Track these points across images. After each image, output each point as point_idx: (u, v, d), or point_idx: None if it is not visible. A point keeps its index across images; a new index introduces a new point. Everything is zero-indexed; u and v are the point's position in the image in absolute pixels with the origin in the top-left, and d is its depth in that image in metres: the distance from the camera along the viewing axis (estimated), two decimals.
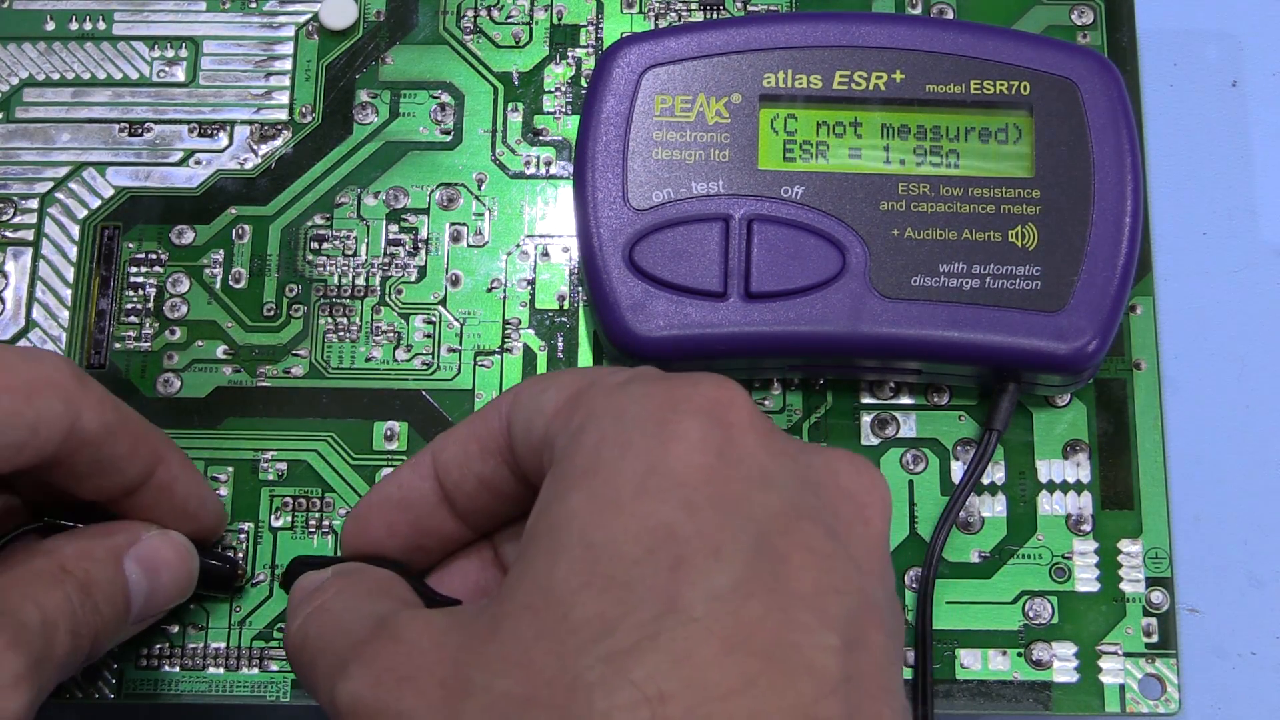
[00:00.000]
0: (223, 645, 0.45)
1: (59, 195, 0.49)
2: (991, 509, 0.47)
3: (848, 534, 0.33)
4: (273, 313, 0.48)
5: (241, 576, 0.46)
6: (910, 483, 0.47)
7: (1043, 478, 0.47)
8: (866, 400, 0.48)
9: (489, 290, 0.49)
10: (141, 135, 0.50)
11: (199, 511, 0.43)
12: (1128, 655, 0.46)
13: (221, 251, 0.49)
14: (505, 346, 0.48)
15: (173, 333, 0.48)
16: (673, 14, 0.51)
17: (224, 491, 0.47)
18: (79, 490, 0.40)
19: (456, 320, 0.48)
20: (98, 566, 0.40)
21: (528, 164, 0.50)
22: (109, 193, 0.50)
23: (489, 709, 0.31)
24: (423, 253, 0.49)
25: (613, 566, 0.31)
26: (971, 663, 0.45)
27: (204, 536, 0.44)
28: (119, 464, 0.40)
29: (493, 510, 0.39)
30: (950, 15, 0.51)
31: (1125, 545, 0.46)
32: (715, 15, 0.51)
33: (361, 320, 0.48)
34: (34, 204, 0.49)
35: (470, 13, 0.51)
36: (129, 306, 0.48)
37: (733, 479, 0.32)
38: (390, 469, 0.46)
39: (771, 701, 0.29)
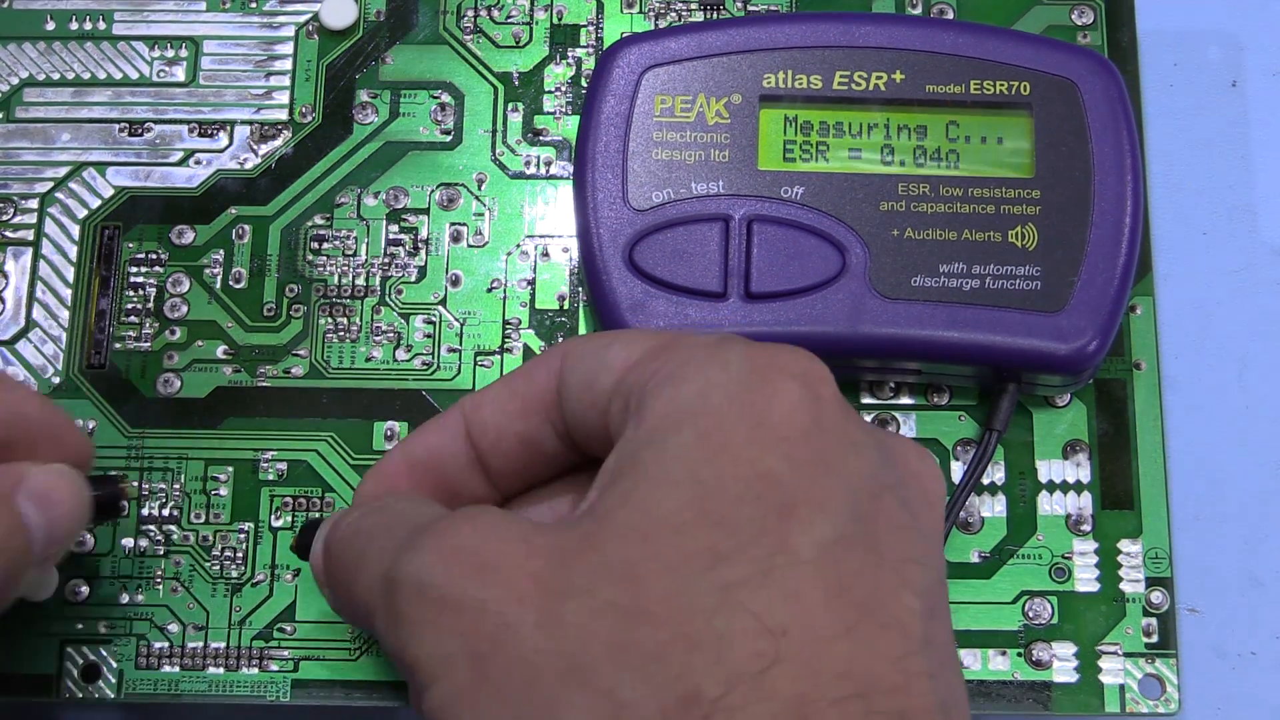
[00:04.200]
0: (223, 645, 0.45)
1: (59, 195, 0.49)
2: (991, 509, 0.47)
3: (917, 513, 0.34)
4: (273, 313, 0.48)
5: (126, 493, 0.43)
6: None
7: (1043, 478, 0.47)
8: (866, 400, 0.48)
9: (489, 290, 0.49)
10: (141, 135, 0.50)
11: (63, 436, 0.41)
12: (1127, 655, 0.46)
13: (221, 252, 0.49)
14: (505, 346, 0.48)
15: (173, 333, 0.48)
16: (673, 14, 0.51)
17: (224, 491, 0.47)
18: None
19: (457, 320, 0.48)
20: None
21: (528, 164, 0.50)
22: (109, 193, 0.50)
23: (597, 614, 0.31)
24: (423, 253, 0.49)
25: (723, 505, 0.32)
26: (971, 663, 0.45)
27: (78, 463, 0.42)
28: None
29: (528, 471, 0.39)
30: (950, 15, 0.50)
31: (1125, 545, 0.46)
32: (715, 15, 0.51)
33: (362, 320, 0.48)
34: (34, 204, 0.49)
35: (470, 13, 0.51)
36: (129, 306, 0.48)
37: (828, 443, 0.33)
38: None
39: (869, 649, 0.31)
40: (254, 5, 0.51)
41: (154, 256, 0.49)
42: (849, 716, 0.30)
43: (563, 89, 0.50)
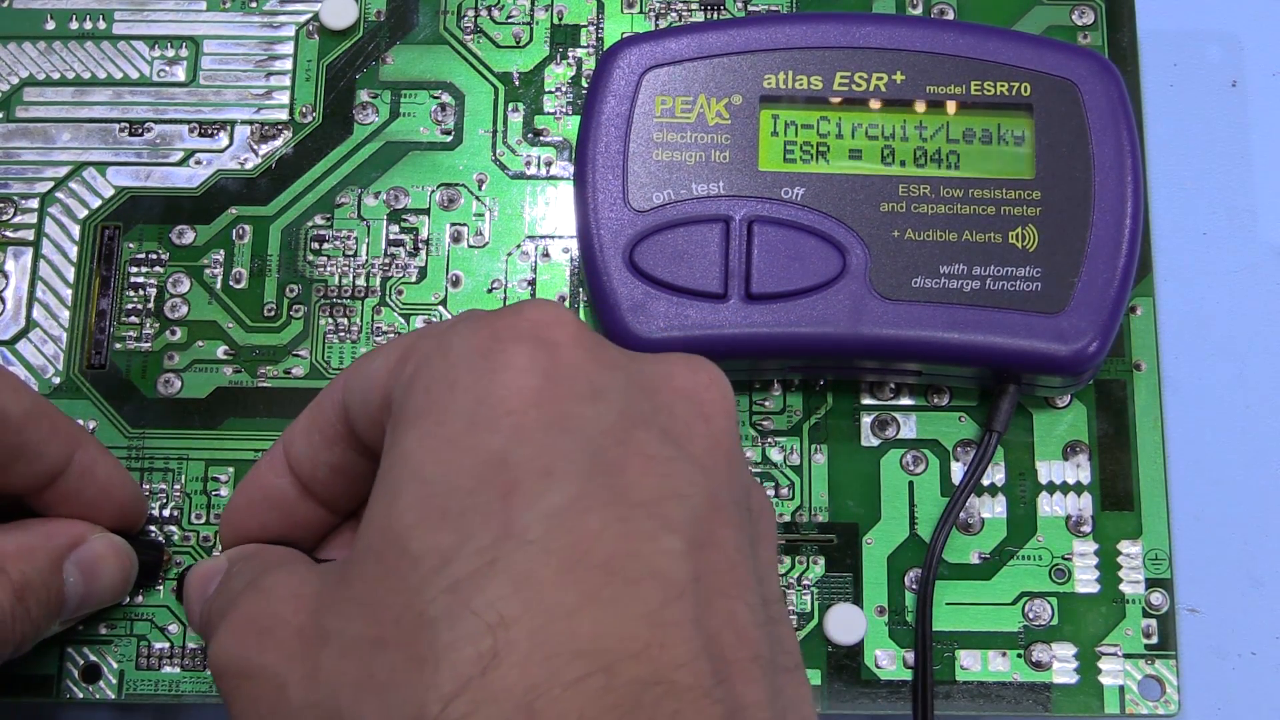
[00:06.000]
0: None
1: (59, 195, 0.49)
2: (991, 510, 0.47)
3: (687, 435, 0.33)
4: (273, 313, 0.48)
5: (169, 562, 0.46)
6: (910, 484, 0.47)
7: (1043, 479, 0.47)
8: (867, 401, 0.48)
9: (490, 291, 0.49)
10: (142, 135, 0.50)
11: (122, 495, 0.44)
12: (1127, 657, 0.46)
13: (222, 252, 0.49)
14: None
15: (173, 333, 0.48)
16: (673, 14, 0.51)
17: (225, 492, 0.47)
18: (2, 480, 0.41)
19: None
20: (36, 570, 0.40)
21: (528, 164, 0.50)
22: (109, 193, 0.50)
23: (344, 654, 0.31)
24: (423, 253, 0.49)
25: (447, 500, 0.30)
26: (971, 664, 0.46)
27: (130, 523, 0.44)
28: (40, 447, 0.41)
29: (352, 493, 0.39)
30: (951, 16, 0.50)
31: (1125, 546, 0.46)
32: (716, 16, 0.51)
33: (362, 321, 0.48)
34: (34, 204, 0.49)
35: (471, 13, 0.51)
36: (129, 306, 0.48)
37: (561, 398, 0.32)
38: None
39: (616, 612, 0.29)
40: (254, 5, 0.51)
41: (154, 256, 0.49)
42: (587, 696, 0.28)
43: (563, 89, 0.50)
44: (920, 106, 0.46)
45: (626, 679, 0.28)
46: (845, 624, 0.46)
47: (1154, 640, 0.46)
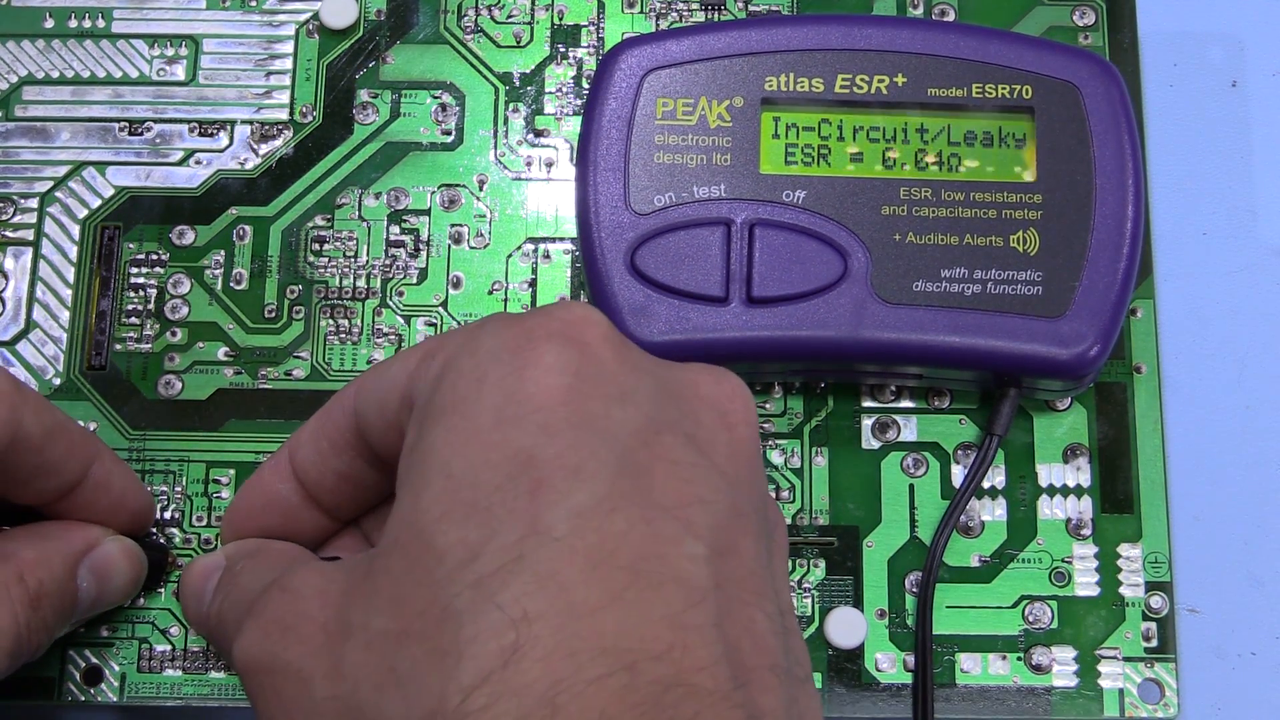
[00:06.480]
0: None
1: (59, 195, 0.49)
2: (992, 513, 0.47)
3: (711, 443, 0.33)
4: (274, 314, 0.48)
5: (173, 563, 0.46)
6: (911, 487, 0.47)
7: (1043, 482, 0.47)
8: (867, 404, 0.48)
9: (490, 292, 0.49)
10: (141, 134, 0.50)
11: (135, 504, 0.44)
12: (1127, 660, 0.46)
13: (222, 252, 0.49)
14: None
15: (174, 334, 0.48)
16: (674, 14, 0.51)
17: (226, 494, 0.47)
18: (18, 494, 0.41)
19: (458, 322, 0.48)
20: (52, 576, 0.40)
21: (529, 165, 0.50)
22: (109, 192, 0.49)
23: (368, 647, 0.31)
24: (424, 254, 0.49)
25: (474, 494, 0.31)
26: (971, 667, 0.46)
27: (138, 527, 0.44)
28: (59, 465, 0.41)
29: (358, 500, 0.39)
30: (951, 17, 0.50)
31: (1125, 550, 0.47)
32: (717, 17, 0.51)
33: (363, 322, 0.48)
34: (34, 204, 0.49)
35: (471, 12, 0.51)
36: (130, 307, 0.48)
37: (591, 397, 0.32)
38: None
39: (639, 613, 0.29)
40: (254, 4, 0.51)
41: (154, 257, 0.49)
42: (610, 694, 0.28)
43: (564, 90, 0.50)
44: (921, 109, 0.46)
45: (648, 679, 0.29)
46: (846, 627, 0.46)
47: (1154, 643, 0.46)
